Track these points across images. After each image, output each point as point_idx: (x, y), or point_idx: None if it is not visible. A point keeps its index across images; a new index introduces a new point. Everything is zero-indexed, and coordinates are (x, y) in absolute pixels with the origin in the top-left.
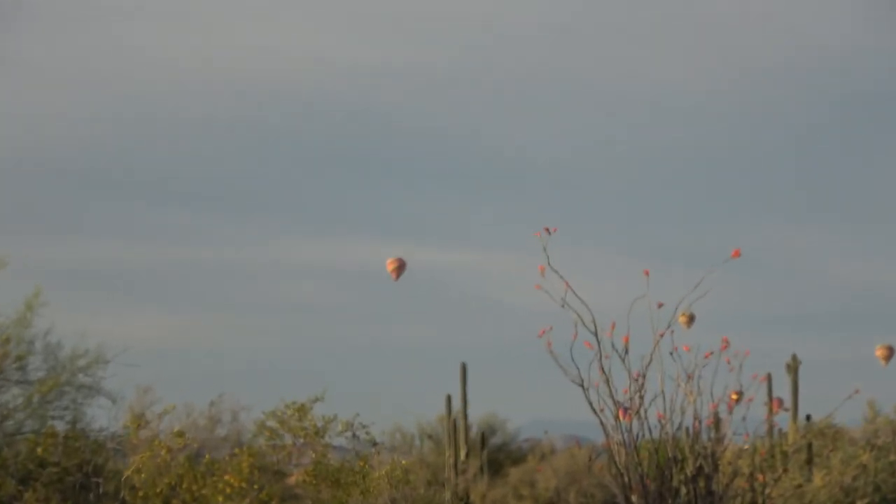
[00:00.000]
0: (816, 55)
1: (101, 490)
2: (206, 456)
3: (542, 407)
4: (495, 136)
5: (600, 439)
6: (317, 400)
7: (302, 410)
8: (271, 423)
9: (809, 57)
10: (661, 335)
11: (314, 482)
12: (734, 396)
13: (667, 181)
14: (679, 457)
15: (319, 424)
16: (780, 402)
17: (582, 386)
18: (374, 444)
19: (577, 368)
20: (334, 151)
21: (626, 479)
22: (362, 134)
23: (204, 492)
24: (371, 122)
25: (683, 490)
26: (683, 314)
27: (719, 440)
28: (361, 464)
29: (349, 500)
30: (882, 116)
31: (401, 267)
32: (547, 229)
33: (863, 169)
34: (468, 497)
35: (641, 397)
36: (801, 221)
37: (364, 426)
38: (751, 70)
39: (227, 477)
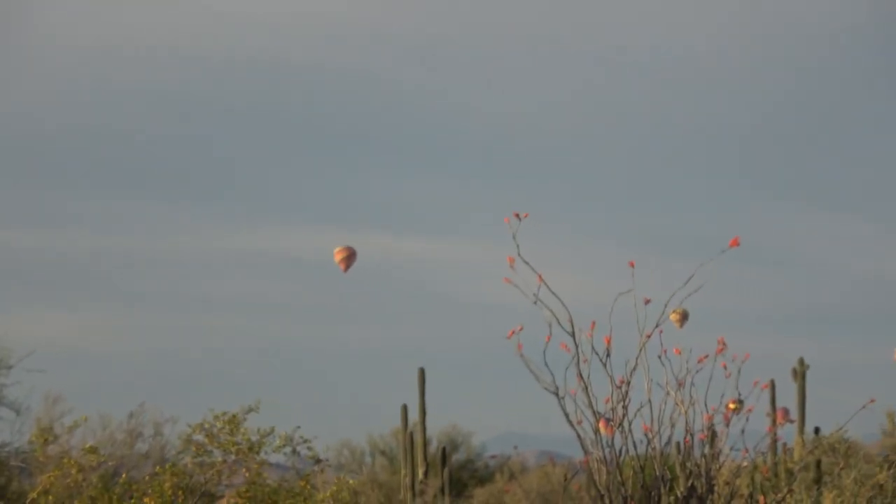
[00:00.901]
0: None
1: None
2: (124, 475)
3: (511, 419)
4: (463, 117)
5: (578, 455)
6: (251, 410)
7: (233, 422)
8: (198, 436)
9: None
10: (649, 336)
11: None
12: (732, 406)
13: (657, 162)
14: (668, 476)
15: (254, 438)
16: (785, 412)
17: (557, 394)
18: (318, 460)
19: (552, 374)
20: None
21: (607, 501)
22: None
23: None
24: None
25: None
26: (675, 312)
27: (715, 456)
28: (303, 484)
29: None
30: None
31: (350, 257)
32: (517, 214)
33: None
34: None
35: (625, 407)
36: (806, 207)
37: (306, 440)
38: (760, 48)
39: (146, 499)
